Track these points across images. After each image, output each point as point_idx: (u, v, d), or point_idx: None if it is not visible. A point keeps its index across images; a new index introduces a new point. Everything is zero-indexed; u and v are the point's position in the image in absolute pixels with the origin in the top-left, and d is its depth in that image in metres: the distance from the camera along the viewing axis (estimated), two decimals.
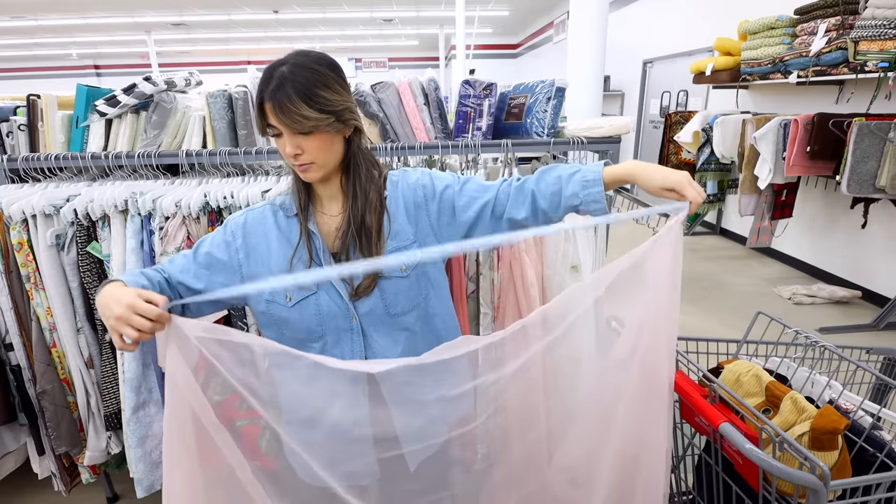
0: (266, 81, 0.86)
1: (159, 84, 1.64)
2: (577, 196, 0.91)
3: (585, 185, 0.91)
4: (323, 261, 0.95)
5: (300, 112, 0.84)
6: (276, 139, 0.91)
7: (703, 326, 3.27)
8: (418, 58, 14.90)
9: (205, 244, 1.00)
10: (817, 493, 0.76)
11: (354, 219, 0.95)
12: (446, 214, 1.00)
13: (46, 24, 9.91)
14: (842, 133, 2.94)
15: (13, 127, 1.74)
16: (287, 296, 0.95)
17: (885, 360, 1.29)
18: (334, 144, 0.92)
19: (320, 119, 0.86)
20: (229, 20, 10.09)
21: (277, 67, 0.87)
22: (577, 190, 0.91)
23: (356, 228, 0.94)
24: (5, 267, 1.55)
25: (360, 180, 0.96)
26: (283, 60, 0.87)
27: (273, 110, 0.85)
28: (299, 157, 0.89)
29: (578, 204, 0.92)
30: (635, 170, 0.91)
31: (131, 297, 0.80)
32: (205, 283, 0.97)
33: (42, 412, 1.64)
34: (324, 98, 0.86)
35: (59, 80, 14.22)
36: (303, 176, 0.93)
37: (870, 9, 2.79)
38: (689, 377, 1.02)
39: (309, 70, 0.86)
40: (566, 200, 0.92)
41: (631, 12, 7.12)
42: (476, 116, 1.70)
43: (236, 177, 1.72)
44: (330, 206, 0.99)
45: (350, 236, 0.95)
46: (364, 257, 0.94)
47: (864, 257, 3.60)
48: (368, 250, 0.94)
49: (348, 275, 0.92)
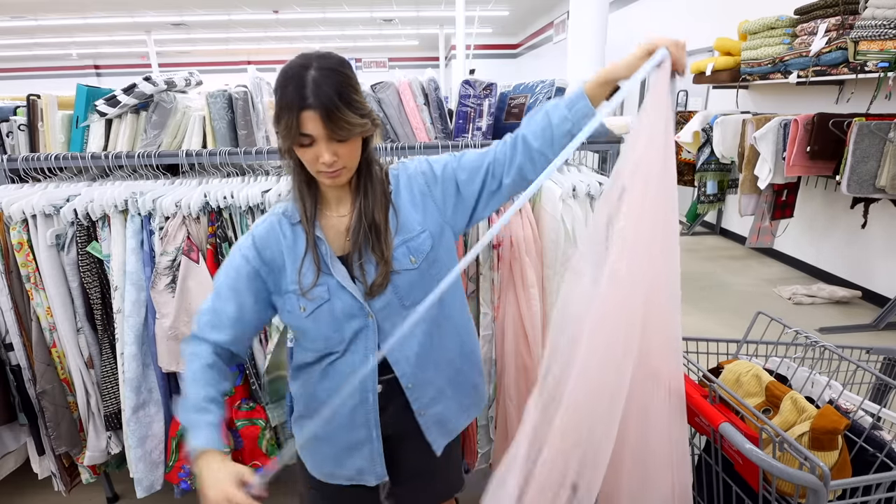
0: (299, 88, 0.80)
1: (159, 84, 1.64)
2: (567, 119, 0.91)
3: (571, 104, 0.91)
4: (331, 267, 0.94)
5: (346, 119, 0.82)
6: (301, 149, 0.85)
7: (703, 326, 3.27)
8: (418, 58, 14.90)
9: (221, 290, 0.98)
10: (817, 493, 0.76)
11: (366, 216, 0.94)
12: (451, 195, 0.99)
13: (46, 24, 9.91)
14: (842, 133, 2.94)
15: (13, 127, 1.74)
16: (301, 306, 0.94)
17: (885, 360, 1.29)
18: (359, 145, 0.91)
19: (363, 124, 0.85)
20: (229, 20, 10.09)
21: (304, 71, 0.81)
22: (565, 114, 0.91)
23: (368, 226, 0.94)
24: (5, 267, 1.55)
25: (371, 178, 0.96)
26: (305, 63, 0.82)
27: (320, 118, 0.81)
28: (334, 165, 0.86)
29: (570, 127, 0.91)
30: (609, 67, 0.91)
31: (229, 487, 0.82)
32: (237, 310, 0.98)
33: (42, 412, 1.64)
34: (358, 102, 0.85)
35: (59, 80, 14.21)
36: (333, 182, 0.90)
37: (870, 9, 2.79)
38: (690, 377, 1.02)
39: (339, 73, 0.83)
40: (557, 129, 0.91)
41: (631, 12, 7.12)
42: (476, 116, 1.70)
43: (236, 177, 1.72)
44: (338, 207, 0.98)
45: (362, 234, 0.94)
46: (375, 255, 0.93)
47: (864, 257, 3.60)
48: (380, 247, 0.94)
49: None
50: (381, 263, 0.93)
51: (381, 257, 0.93)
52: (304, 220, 0.95)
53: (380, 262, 0.93)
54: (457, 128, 1.72)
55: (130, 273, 1.51)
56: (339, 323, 0.95)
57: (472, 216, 1.01)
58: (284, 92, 0.82)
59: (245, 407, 1.66)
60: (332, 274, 0.94)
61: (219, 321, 0.96)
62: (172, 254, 1.49)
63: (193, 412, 0.90)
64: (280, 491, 1.29)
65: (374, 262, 0.94)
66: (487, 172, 0.97)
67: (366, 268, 0.94)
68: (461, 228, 1.03)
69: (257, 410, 1.66)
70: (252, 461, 1.68)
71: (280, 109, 0.84)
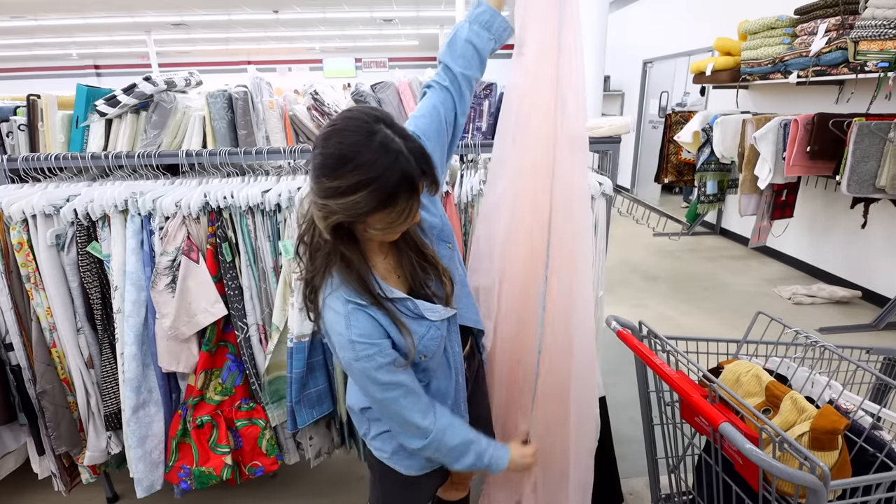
0: (406, 162, 0.76)
1: (159, 84, 1.64)
2: (490, 40, 1.09)
3: (489, 25, 1.07)
4: (420, 311, 0.95)
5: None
6: (400, 216, 0.81)
7: (703, 326, 3.27)
8: (418, 58, 14.88)
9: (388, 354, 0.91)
10: (817, 493, 0.76)
11: (414, 251, 0.96)
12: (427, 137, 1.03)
13: (46, 24, 9.90)
14: (842, 133, 2.94)
15: (13, 127, 1.74)
16: (421, 356, 0.96)
17: (885, 360, 1.29)
18: None
19: None
20: (229, 20, 10.08)
21: (396, 142, 0.77)
22: (487, 35, 1.07)
23: (419, 259, 0.95)
24: (5, 267, 1.55)
25: None
26: (391, 136, 0.77)
27: (428, 187, 0.82)
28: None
29: (494, 45, 1.09)
30: None
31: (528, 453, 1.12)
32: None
33: (42, 412, 1.64)
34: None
35: (59, 80, 14.19)
36: (397, 236, 0.89)
37: (870, 9, 2.79)
38: (689, 377, 1.02)
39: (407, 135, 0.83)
40: (483, 51, 1.08)
41: (631, 12, 7.12)
42: (476, 116, 1.70)
43: (236, 177, 1.72)
44: (377, 255, 0.95)
45: (419, 269, 0.96)
46: (434, 275, 0.97)
47: (864, 257, 3.60)
48: (434, 266, 0.97)
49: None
50: (445, 278, 0.98)
51: (439, 274, 0.97)
52: (378, 296, 0.89)
53: (439, 277, 0.98)
54: None
55: (130, 273, 1.51)
56: (450, 340, 1.05)
57: (451, 145, 1.10)
58: (398, 165, 0.76)
59: (245, 407, 1.66)
60: (425, 316, 0.95)
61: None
62: (172, 254, 1.49)
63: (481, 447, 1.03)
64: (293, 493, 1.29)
65: (433, 278, 0.97)
66: (445, 121, 1.05)
67: (432, 286, 0.98)
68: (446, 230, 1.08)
69: (257, 410, 1.66)
70: (252, 461, 1.68)
71: (393, 194, 0.76)
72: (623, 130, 1.61)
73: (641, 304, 3.60)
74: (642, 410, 1.29)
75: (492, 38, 1.08)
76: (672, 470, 1.25)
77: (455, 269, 1.05)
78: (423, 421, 0.96)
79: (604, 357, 1.71)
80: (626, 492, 1.84)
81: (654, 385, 1.22)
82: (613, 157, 1.65)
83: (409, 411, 0.95)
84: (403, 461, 1.11)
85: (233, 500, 1.89)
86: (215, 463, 1.62)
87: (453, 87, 1.06)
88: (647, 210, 3.68)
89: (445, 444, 0.99)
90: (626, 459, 1.87)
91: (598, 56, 4.24)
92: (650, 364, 1.05)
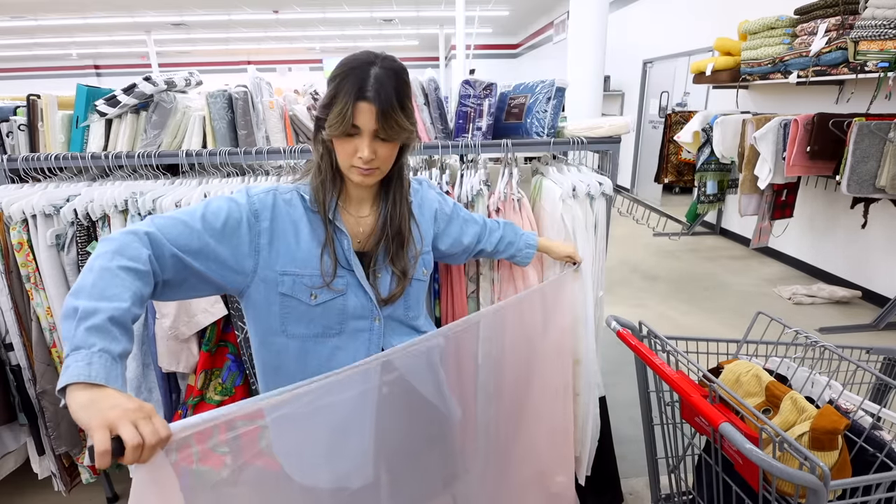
0: (362, 79, 0.81)
1: (159, 84, 1.64)
2: (515, 257, 1.32)
3: (526, 252, 1.32)
4: (349, 260, 0.94)
5: (399, 121, 0.83)
6: (343, 140, 0.85)
7: (703, 326, 3.27)
8: (418, 58, 14.90)
9: (220, 213, 0.85)
10: (817, 493, 0.76)
11: (392, 224, 0.96)
12: (448, 234, 1.13)
13: (46, 24, 9.90)
14: (842, 133, 2.94)
15: (13, 127, 1.74)
16: (312, 294, 0.90)
17: (885, 360, 1.29)
18: (396, 152, 0.92)
19: (410, 131, 0.87)
20: (229, 20, 10.09)
21: (368, 66, 0.82)
22: (521, 253, 1.31)
23: (393, 234, 0.95)
24: (5, 267, 1.55)
25: (402, 187, 0.99)
26: (369, 60, 0.83)
27: (375, 113, 0.82)
28: (371, 162, 0.86)
29: (518, 260, 1.33)
30: (549, 245, 1.38)
31: (141, 404, 0.63)
32: (202, 251, 0.84)
33: (42, 412, 1.64)
34: (410, 109, 0.87)
35: (59, 80, 14.21)
36: (361, 180, 0.90)
37: (870, 9, 2.79)
38: (689, 377, 1.02)
39: (401, 78, 0.85)
40: (510, 254, 1.30)
41: (631, 12, 7.12)
42: (476, 116, 1.70)
43: (236, 177, 1.72)
44: (359, 207, 0.98)
45: (384, 242, 0.95)
46: (395, 266, 0.96)
47: (864, 257, 3.60)
48: (401, 260, 0.96)
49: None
50: (401, 275, 0.95)
51: (402, 270, 0.96)
52: (321, 210, 0.92)
53: (397, 273, 0.95)
54: (457, 128, 1.72)
55: None
56: (346, 318, 0.94)
57: (443, 258, 1.18)
58: (344, 80, 0.82)
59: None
60: (353, 269, 0.93)
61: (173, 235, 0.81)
62: None
63: (91, 322, 0.66)
64: None
65: (390, 271, 0.95)
66: (477, 244, 1.20)
67: (380, 274, 0.96)
68: (431, 261, 1.09)
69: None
70: (253, 462, 1.68)
71: (335, 96, 0.83)
72: (623, 130, 1.61)
73: (641, 304, 3.60)
74: (642, 410, 1.29)
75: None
76: (672, 470, 1.25)
77: (420, 292, 1.03)
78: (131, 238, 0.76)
79: (604, 357, 1.71)
80: (626, 492, 1.84)
81: (654, 385, 1.22)
82: (613, 157, 1.65)
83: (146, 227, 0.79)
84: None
85: None
86: (215, 463, 1.62)
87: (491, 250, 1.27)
88: (647, 210, 3.68)
89: (87, 277, 0.70)
90: (626, 459, 1.87)
91: (598, 56, 4.24)
92: (650, 364, 1.05)
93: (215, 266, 0.85)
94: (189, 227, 0.83)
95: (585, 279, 1.47)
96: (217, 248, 0.85)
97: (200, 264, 0.83)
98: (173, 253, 0.80)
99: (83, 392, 0.61)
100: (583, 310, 1.44)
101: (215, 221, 0.85)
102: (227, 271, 0.87)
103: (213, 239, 0.84)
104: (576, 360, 1.52)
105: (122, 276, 0.72)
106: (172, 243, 0.80)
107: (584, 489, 1.66)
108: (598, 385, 1.61)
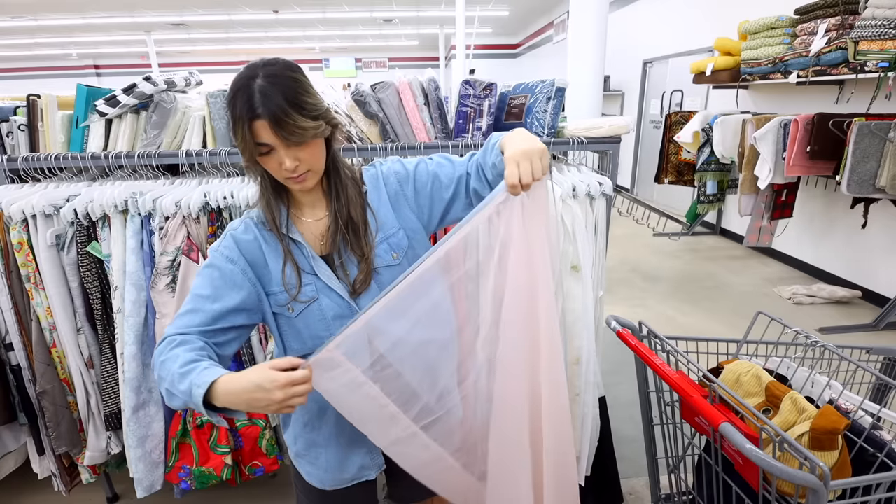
0: (247, 98, 0.80)
1: (159, 84, 1.64)
2: (496, 166, 0.96)
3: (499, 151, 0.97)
4: (314, 268, 0.94)
5: (298, 123, 0.81)
6: (263, 158, 0.86)
7: (703, 326, 3.27)
8: (418, 58, 14.89)
9: (206, 280, 0.92)
10: (817, 493, 0.76)
11: (341, 216, 0.95)
12: (423, 195, 1.01)
13: (46, 24, 9.90)
14: (842, 133, 2.94)
15: (13, 127, 1.74)
16: (289, 307, 0.94)
17: (885, 360, 1.29)
18: (322, 147, 0.91)
19: (316, 126, 0.84)
20: (229, 20, 10.09)
21: (251, 81, 0.81)
22: (494, 160, 0.95)
23: (344, 225, 0.95)
24: (5, 267, 1.55)
25: (340, 178, 0.97)
26: (251, 74, 0.82)
27: (270, 126, 0.81)
28: (297, 169, 0.86)
29: (494, 175, 0.97)
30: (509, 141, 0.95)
31: (275, 375, 0.75)
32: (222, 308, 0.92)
33: (42, 412, 1.64)
34: (310, 104, 0.84)
35: (59, 80, 14.21)
36: (300, 187, 0.91)
37: (870, 9, 2.79)
38: (689, 377, 1.02)
39: (286, 78, 0.83)
40: (491, 161, 0.95)
41: (631, 12, 7.12)
42: (476, 116, 1.70)
43: (236, 177, 1.72)
44: (313, 211, 0.98)
45: (339, 235, 0.95)
46: (355, 254, 0.95)
47: (864, 257, 3.60)
48: (359, 246, 0.95)
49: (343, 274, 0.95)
50: (362, 262, 0.95)
51: (362, 256, 0.95)
52: (273, 227, 0.94)
53: (360, 261, 0.95)
54: (457, 128, 1.73)
55: (130, 273, 1.51)
56: (328, 322, 0.95)
57: (442, 219, 1.04)
58: (234, 105, 0.82)
59: None
60: (318, 274, 0.94)
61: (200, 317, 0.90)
62: (172, 254, 1.49)
63: (187, 367, 0.80)
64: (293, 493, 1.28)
65: (354, 261, 0.95)
66: (461, 183, 1.00)
67: (347, 267, 0.96)
68: (433, 228, 1.05)
69: None
70: (252, 461, 1.68)
71: (233, 123, 0.83)
72: (623, 130, 1.61)
73: (641, 304, 3.60)
74: (642, 410, 1.29)
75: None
76: (672, 470, 1.25)
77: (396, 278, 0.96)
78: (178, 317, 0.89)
79: (604, 357, 1.71)
80: (626, 492, 1.84)
81: (654, 385, 1.22)
82: (613, 157, 1.65)
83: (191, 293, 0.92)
84: (305, 465, 1.06)
85: (233, 500, 1.89)
86: (215, 463, 1.62)
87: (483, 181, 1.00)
88: (647, 210, 3.68)
89: (170, 364, 0.82)
90: (626, 459, 1.87)
91: (598, 56, 4.25)
92: (650, 364, 1.05)
93: (237, 317, 0.93)
94: (199, 309, 0.90)
95: (586, 279, 1.47)
96: (228, 304, 0.91)
97: (228, 323, 0.92)
98: (201, 332, 0.89)
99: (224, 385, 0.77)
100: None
101: (206, 289, 0.91)
102: (252, 313, 0.95)
103: (219, 303, 0.90)
104: (576, 360, 1.52)
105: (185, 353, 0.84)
106: (197, 331, 0.89)
107: (584, 489, 1.66)
108: (598, 385, 1.61)
